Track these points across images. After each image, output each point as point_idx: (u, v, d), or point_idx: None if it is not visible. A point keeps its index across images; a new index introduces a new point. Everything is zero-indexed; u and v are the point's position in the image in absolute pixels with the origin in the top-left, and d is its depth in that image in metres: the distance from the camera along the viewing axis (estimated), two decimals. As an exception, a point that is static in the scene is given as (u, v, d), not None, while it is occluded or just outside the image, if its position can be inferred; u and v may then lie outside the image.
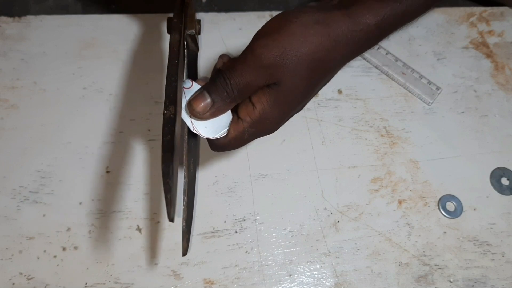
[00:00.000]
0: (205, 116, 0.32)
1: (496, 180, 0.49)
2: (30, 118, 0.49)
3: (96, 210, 0.45)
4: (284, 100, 0.32)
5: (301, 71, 0.31)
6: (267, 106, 0.32)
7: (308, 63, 0.31)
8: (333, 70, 0.33)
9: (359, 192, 0.48)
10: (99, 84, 0.51)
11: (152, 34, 0.55)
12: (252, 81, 0.31)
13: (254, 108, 0.32)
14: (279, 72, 0.30)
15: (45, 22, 0.55)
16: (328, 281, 0.44)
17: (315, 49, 0.30)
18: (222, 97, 0.31)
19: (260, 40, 0.31)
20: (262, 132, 0.34)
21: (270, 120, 0.33)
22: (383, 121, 0.52)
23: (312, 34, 0.30)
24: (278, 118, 0.33)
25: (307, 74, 0.31)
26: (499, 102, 0.54)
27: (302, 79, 0.31)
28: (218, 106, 0.32)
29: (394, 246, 0.45)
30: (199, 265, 0.43)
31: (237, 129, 0.33)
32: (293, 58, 0.30)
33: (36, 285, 0.42)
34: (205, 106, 0.31)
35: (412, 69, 0.54)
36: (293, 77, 0.31)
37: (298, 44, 0.30)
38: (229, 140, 0.34)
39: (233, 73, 0.31)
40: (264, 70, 0.30)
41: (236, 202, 0.46)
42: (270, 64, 0.30)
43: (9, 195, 0.45)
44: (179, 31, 0.34)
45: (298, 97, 0.33)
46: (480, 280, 0.44)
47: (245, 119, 0.33)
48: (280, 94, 0.31)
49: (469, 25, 0.59)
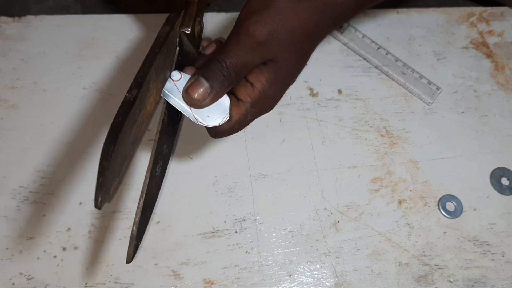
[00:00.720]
0: (205, 103, 0.31)
1: (496, 180, 0.49)
2: (30, 118, 0.49)
3: (96, 210, 0.45)
4: (282, 76, 0.32)
5: (294, 45, 0.31)
6: (266, 83, 0.32)
7: (299, 36, 0.31)
8: (319, 40, 0.34)
9: (359, 192, 0.48)
10: (99, 84, 0.51)
11: (152, 34, 0.55)
12: (248, 61, 0.30)
13: (253, 88, 0.32)
14: (275, 48, 0.30)
15: (45, 22, 0.55)
16: (328, 281, 0.44)
17: (305, 22, 0.31)
18: (220, 81, 0.30)
19: (250, 18, 0.30)
20: (263, 110, 0.34)
21: (269, 98, 0.33)
22: (383, 121, 0.52)
23: (301, 8, 0.31)
24: (278, 94, 0.34)
25: (300, 48, 0.32)
26: (499, 102, 0.54)
27: (296, 52, 0.32)
28: (216, 90, 0.31)
29: (394, 246, 0.45)
30: (199, 265, 0.43)
31: (239, 111, 0.33)
32: (286, 33, 0.30)
33: (36, 285, 0.42)
34: (204, 93, 0.30)
35: (412, 69, 0.54)
36: (287, 51, 0.31)
37: (289, 18, 0.30)
38: (233, 124, 0.33)
39: (228, 55, 0.30)
40: (259, 48, 0.30)
41: (236, 202, 0.46)
42: (265, 41, 0.30)
43: (9, 195, 0.45)
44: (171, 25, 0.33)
45: (293, 71, 0.33)
46: (480, 280, 0.44)
47: (246, 100, 0.32)
48: (278, 70, 0.32)
49: (469, 25, 0.59)
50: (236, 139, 0.49)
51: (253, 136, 0.50)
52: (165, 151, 0.34)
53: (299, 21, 0.31)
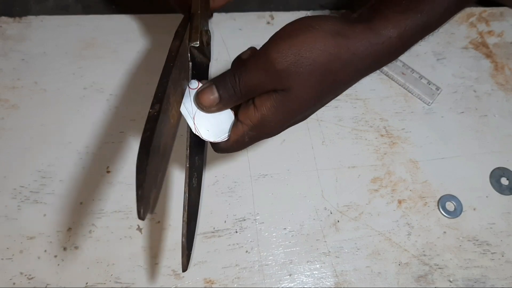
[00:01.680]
0: (211, 110, 0.32)
1: (495, 180, 0.49)
2: (31, 118, 0.49)
3: (97, 210, 0.45)
4: (289, 107, 0.31)
5: (312, 80, 0.30)
6: (269, 111, 0.31)
7: (321, 73, 0.30)
8: (345, 83, 0.32)
9: (359, 192, 0.48)
10: (100, 84, 0.52)
11: (152, 34, 0.55)
12: (260, 83, 0.30)
13: (255, 112, 0.32)
14: (291, 79, 0.30)
15: (46, 22, 0.55)
16: (328, 280, 0.44)
17: (331, 60, 0.30)
18: (229, 94, 0.31)
19: (276, 44, 0.30)
20: (262, 135, 0.34)
21: (271, 125, 0.32)
22: (383, 121, 0.52)
23: (331, 45, 0.29)
24: (280, 124, 0.33)
25: (317, 84, 0.30)
26: (499, 102, 0.54)
27: (312, 88, 0.30)
28: (224, 102, 0.32)
29: (394, 246, 0.45)
30: (199, 264, 0.43)
31: (237, 132, 0.33)
32: (307, 66, 0.29)
33: (37, 284, 0.42)
34: (212, 101, 0.32)
35: (412, 69, 0.54)
36: (303, 85, 0.30)
37: (315, 52, 0.29)
38: (231, 144, 0.34)
39: (243, 72, 0.31)
40: (274, 75, 0.30)
41: (236, 202, 0.47)
42: (283, 70, 0.29)
43: (10, 195, 0.45)
44: (180, 39, 0.35)
45: (303, 106, 0.32)
46: (479, 279, 0.44)
47: (245, 121, 0.32)
48: (286, 101, 0.31)
49: (469, 25, 0.59)
50: (236, 139, 0.50)
51: (253, 136, 0.50)
52: (198, 163, 0.35)
53: (324, 57, 0.29)
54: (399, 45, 0.31)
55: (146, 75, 0.52)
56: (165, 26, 0.55)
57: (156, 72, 0.56)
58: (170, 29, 0.35)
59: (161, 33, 0.55)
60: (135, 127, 0.49)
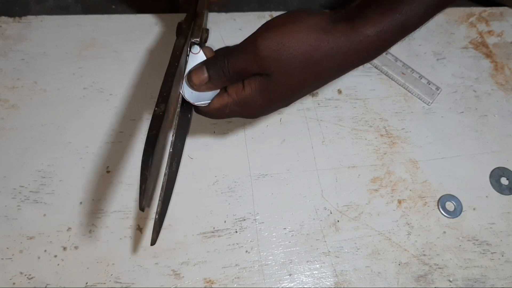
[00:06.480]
0: (200, 89, 0.35)
1: (495, 180, 0.49)
2: (31, 118, 0.49)
3: (97, 210, 0.45)
4: (270, 92, 0.34)
5: (292, 68, 0.32)
6: (254, 92, 0.34)
7: (300, 61, 0.32)
8: (326, 76, 0.35)
9: (358, 192, 0.48)
10: (100, 84, 0.52)
11: (152, 34, 0.55)
12: (246, 67, 0.33)
13: (243, 90, 0.35)
14: (272, 65, 0.32)
15: (46, 22, 0.55)
16: (328, 280, 0.44)
17: (311, 51, 0.32)
18: (219, 75, 0.34)
19: (264, 32, 0.33)
20: (242, 113, 0.36)
21: (252, 106, 0.35)
22: (382, 121, 0.52)
23: (312, 38, 0.32)
24: (260, 107, 0.35)
25: (298, 73, 0.33)
26: (499, 102, 0.54)
27: (293, 76, 0.33)
28: (213, 82, 0.35)
29: (393, 245, 0.45)
30: (199, 264, 0.43)
31: (221, 101, 0.36)
32: (288, 54, 0.32)
33: (37, 284, 0.42)
34: (202, 80, 0.34)
35: (411, 69, 0.54)
36: (284, 72, 0.33)
37: (297, 43, 0.32)
38: (211, 109, 0.37)
39: (232, 56, 0.34)
40: (259, 60, 0.32)
41: (236, 202, 0.47)
42: (266, 56, 0.32)
43: (10, 194, 0.45)
44: (185, 37, 0.36)
45: (284, 92, 0.34)
46: (479, 279, 0.44)
47: (231, 94, 0.35)
48: (268, 85, 0.34)
49: (469, 25, 0.59)
50: (236, 138, 0.50)
51: (253, 136, 0.50)
52: (179, 147, 0.37)
53: (304, 47, 0.32)
54: (378, 44, 0.33)
55: (146, 75, 0.52)
56: (165, 26, 0.56)
57: (156, 72, 0.56)
58: (170, 29, 0.36)
59: (161, 33, 0.55)
60: (135, 127, 0.49)
